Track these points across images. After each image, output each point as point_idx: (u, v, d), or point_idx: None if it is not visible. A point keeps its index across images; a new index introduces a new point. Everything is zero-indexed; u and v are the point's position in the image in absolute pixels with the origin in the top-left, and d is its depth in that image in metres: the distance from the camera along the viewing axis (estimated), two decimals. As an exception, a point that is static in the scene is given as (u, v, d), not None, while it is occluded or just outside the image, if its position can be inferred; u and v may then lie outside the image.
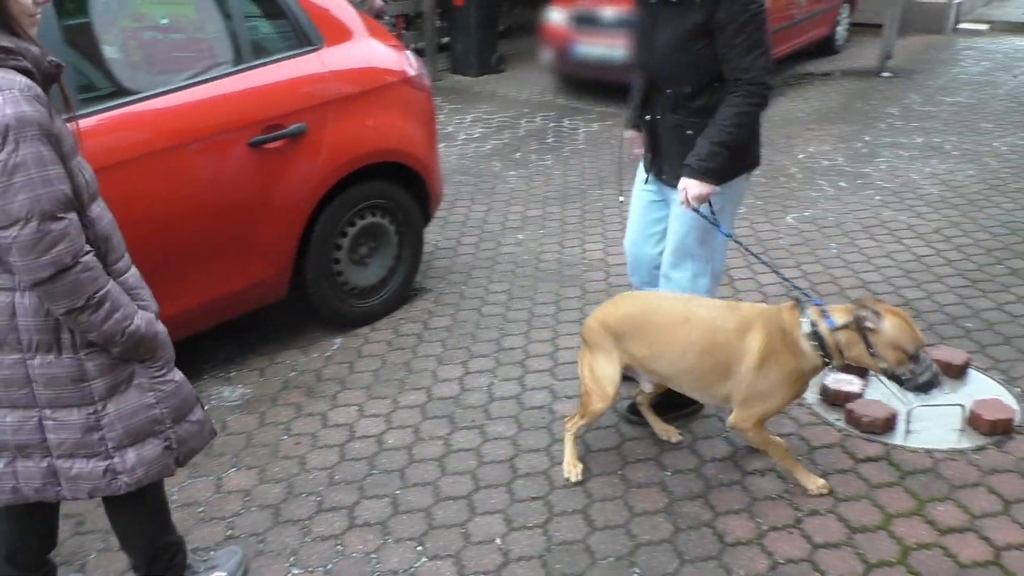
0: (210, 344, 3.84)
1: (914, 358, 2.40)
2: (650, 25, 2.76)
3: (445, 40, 9.58)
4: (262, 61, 3.47)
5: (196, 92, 3.24)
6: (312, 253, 3.70)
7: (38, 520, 2.17)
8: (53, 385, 1.90)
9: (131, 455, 1.99)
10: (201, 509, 2.82)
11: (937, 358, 3.35)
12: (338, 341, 3.89)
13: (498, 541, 2.62)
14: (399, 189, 4.02)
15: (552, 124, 7.47)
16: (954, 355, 3.38)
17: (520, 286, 4.39)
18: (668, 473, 2.90)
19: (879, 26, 9.06)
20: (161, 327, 2.03)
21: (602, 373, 2.77)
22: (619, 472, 2.91)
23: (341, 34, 3.76)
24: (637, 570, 2.48)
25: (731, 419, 2.69)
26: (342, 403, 3.40)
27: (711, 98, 2.75)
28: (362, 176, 3.80)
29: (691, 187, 2.72)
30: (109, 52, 3.18)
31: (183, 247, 3.24)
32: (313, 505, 2.82)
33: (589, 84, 8.53)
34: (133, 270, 2.05)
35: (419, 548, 2.61)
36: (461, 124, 7.51)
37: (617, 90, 8.31)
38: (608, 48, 7.74)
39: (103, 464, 1.97)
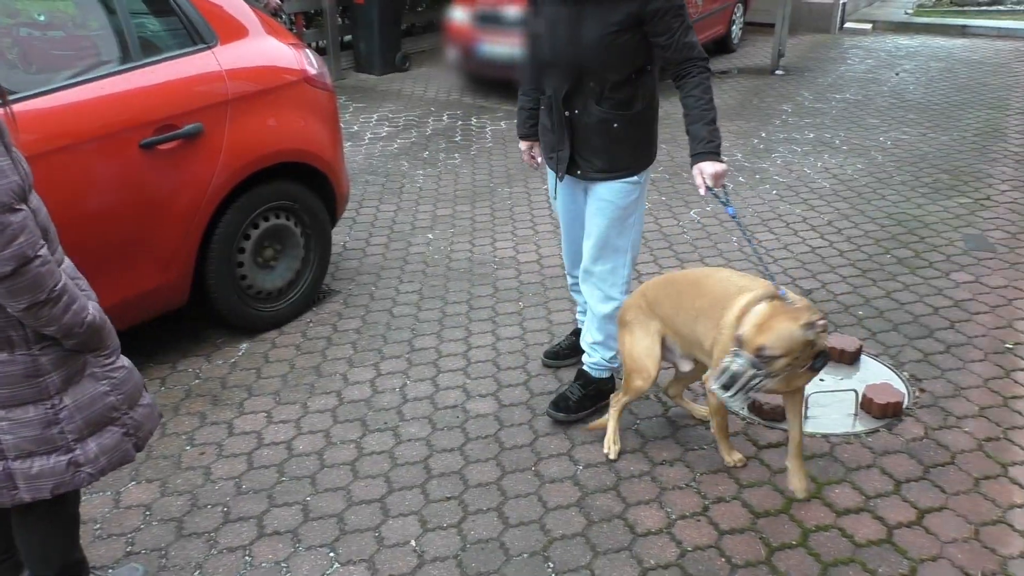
0: (106, 354, 3.67)
1: None
2: (571, 19, 2.74)
3: (347, 38, 9.44)
4: (151, 59, 3.32)
5: (80, 92, 3.08)
6: (213, 257, 3.58)
7: None
8: (8, 384, 1.84)
9: (92, 445, 1.97)
10: (98, 526, 2.69)
11: (832, 346, 3.52)
12: (244, 346, 3.78)
13: (412, 543, 2.60)
14: (304, 190, 3.93)
15: (459, 123, 7.46)
16: (848, 342, 3.55)
17: (431, 286, 4.37)
18: (580, 467, 2.93)
19: (772, 25, 9.42)
20: (105, 316, 2.00)
21: (640, 349, 2.83)
22: (533, 468, 2.93)
23: (236, 31, 3.65)
24: (551, 564, 2.50)
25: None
26: (249, 410, 3.31)
27: (634, 88, 2.81)
28: (265, 177, 3.70)
29: (707, 168, 2.71)
30: (-18, 50, 3.00)
31: (71, 252, 3.06)
32: (219, 516, 2.73)
33: (495, 83, 8.55)
34: (68, 261, 2.01)
35: (331, 554, 2.56)
36: (367, 123, 7.41)
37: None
38: (512, 47, 7.75)
39: (65, 458, 1.93)
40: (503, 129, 7.22)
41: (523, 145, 3.29)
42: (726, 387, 2.38)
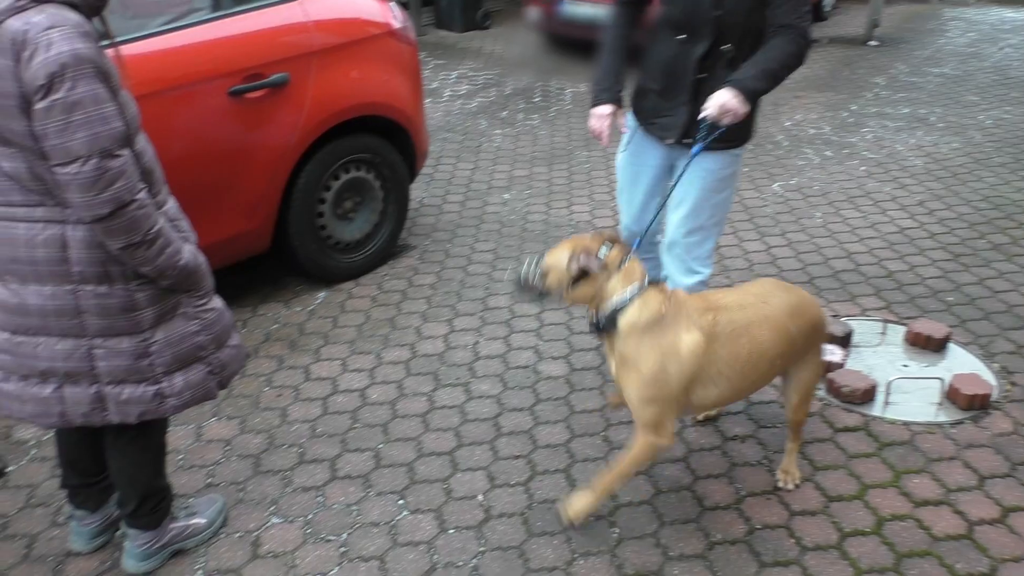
0: (190, 294, 3.79)
1: None
2: None
3: (431, -8, 9.40)
4: (242, 8, 3.36)
5: (173, 38, 3.14)
6: (295, 206, 3.64)
7: (92, 433, 2.24)
8: (105, 315, 1.94)
9: (179, 379, 2.08)
10: (181, 456, 2.80)
11: (918, 331, 3.40)
12: (321, 295, 3.85)
13: (480, 497, 2.63)
14: (384, 144, 3.95)
15: (539, 83, 7.37)
16: (935, 328, 3.42)
17: (506, 246, 4.37)
18: (650, 436, 2.91)
19: (869, -6, 9.01)
20: (202, 258, 2.08)
21: None
22: (602, 434, 2.93)
23: (325, -18, 3.66)
24: (617, 530, 2.50)
25: None
26: (325, 357, 3.38)
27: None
28: (346, 129, 3.73)
29: (727, 98, 2.52)
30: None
31: (165, 195, 3.16)
32: (294, 456, 2.81)
33: (576, 43, 8.42)
34: (172, 201, 2.07)
35: (400, 501, 2.61)
36: (446, 80, 7.40)
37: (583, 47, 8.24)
38: (595, 7, 7.63)
39: (153, 388, 2.05)
40: (582, 92, 7.11)
41: (605, 109, 2.84)
42: (515, 283, 2.43)
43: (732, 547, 2.43)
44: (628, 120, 2.96)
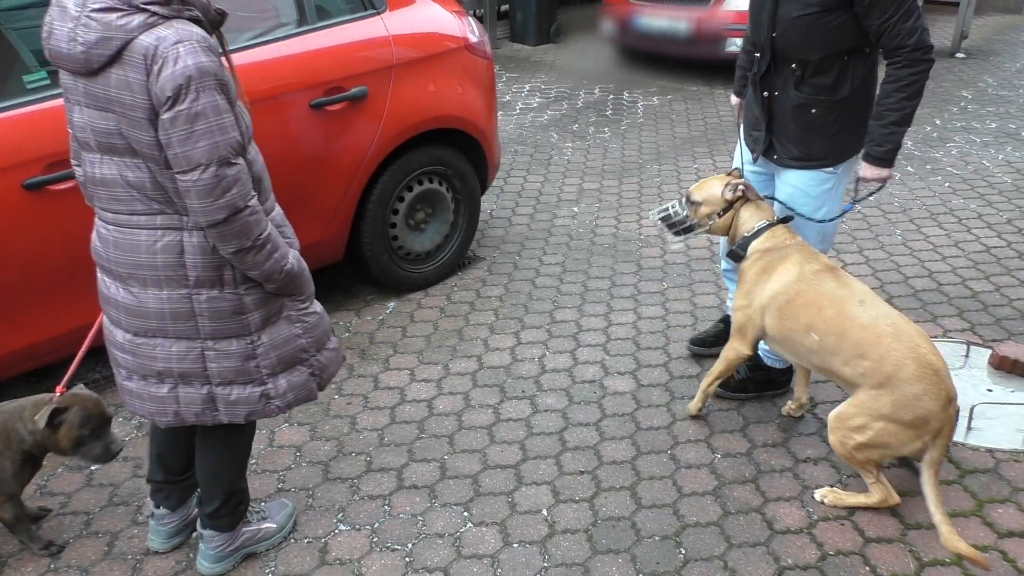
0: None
1: None
2: None
3: (504, 8, 9.48)
4: (325, 23, 3.46)
5: (261, 52, 3.24)
6: (369, 217, 3.71)
7: (185, 432, 2.36)
8: (217, 318, 2.04)
9: (283, 381, 2.16)
10: (255, 461, 2.87)
11: (1004, 354, 3.26)
12: (392, 305, 3.92)
13: (544, 512, 2.62)
14: (458, 156, 4.00)
15: (611, 96, 7.36)
16: (1022, 352, 3.27)
17: (574, 259, 4.36)
18: (718, 456, 2.86)
19: (955, 4, 8.70)
20: (304, 264, 2.15)
21: None
22: (669, 452, 2.89)
23: (404, -2, 3.73)
24: (683, 551, 2.46)
25: None
26: (394, 366, 3.43)
27: (841, 73, 2.63)
28: (421, 141, 3.79)
29: (866, 172, 2.68)
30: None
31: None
32: (363, 464, 2.86)
33: (650, 57, 8.37)
34: (278, 209, 2.17)
35: (465, 513, 2.63)
36: (519, 93, 7.45)
37: (678, 64, 8.18)
38: (671, 21, 7.58)
39: (259, 389, 2.14)
40: (655, 105, 7.07)
41: (734, 100, 3.16)
42: (664, 221, 2.89)
43: (803, 572, 2.37)
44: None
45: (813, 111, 2.68)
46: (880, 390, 2.41)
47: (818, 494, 2.65)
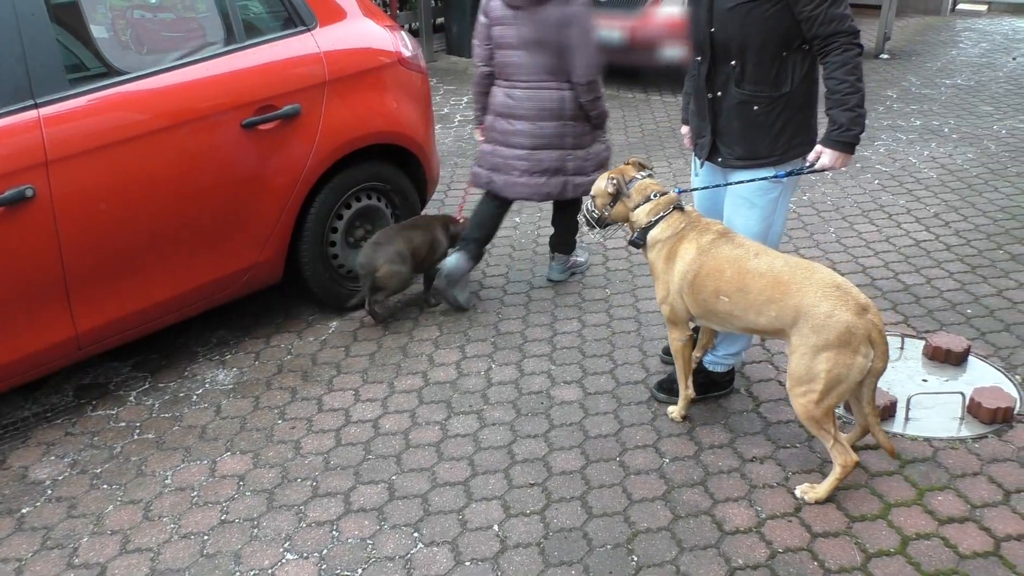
0: (203, 327, 3.80)
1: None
2: None
3: (440, 20, 9.47)
4: (254, 41, 3.40)
5: (188, 72, 3.17)
6: (307, 236, 3.65)
7: (501, 214, 4.03)
8: (575, 137, 3.74)
9: (595, 175, 3.50)
10: (195, 493, 2.78)
11: (937, 344, 3.35)
12: (334, 324, 3.86)
13: (495, 528, 2.60)
14: (396, 171, 3.97)
15: (549, 105, 7.39)
16: (954, 342, 3.36)
17: (517, 270, 4.36)
18: (667, 460, 2.88)
19: (877, 7, 8.99)
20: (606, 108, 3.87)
21: None
22: (618, 459, 2.89)
23: (334, 13, 3.69)
24: (635, 558, 2.46)
25: None
26: (338, 387, 3.37)
27: (782, 68, 2.67)
28: (358, 158, 3.75)
29: (828, 158, 2.67)
30: (97, 32, 3.11)
31: (176, 229, 3.19)
32: (308, 490, 2.79)
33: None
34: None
35: (415, 534, 2.59)
36: (457, 106, 7.44)
37: (614, 72, 8.25)
38: (605, 30, 7.65)
39: (587, 179, 3.75)
40: (593, 113, 7.11)
41: (684, 130, 3.20)
42: (585, 218, 3.10)
43: (754, 572, 2.38)
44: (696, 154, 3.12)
45: (755, 108, 2.72)
46: (798, 325, 2.48)
47: (798, 492, 2.67)
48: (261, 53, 3.39)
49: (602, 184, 2.96)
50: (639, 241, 2.89)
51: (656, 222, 2.83)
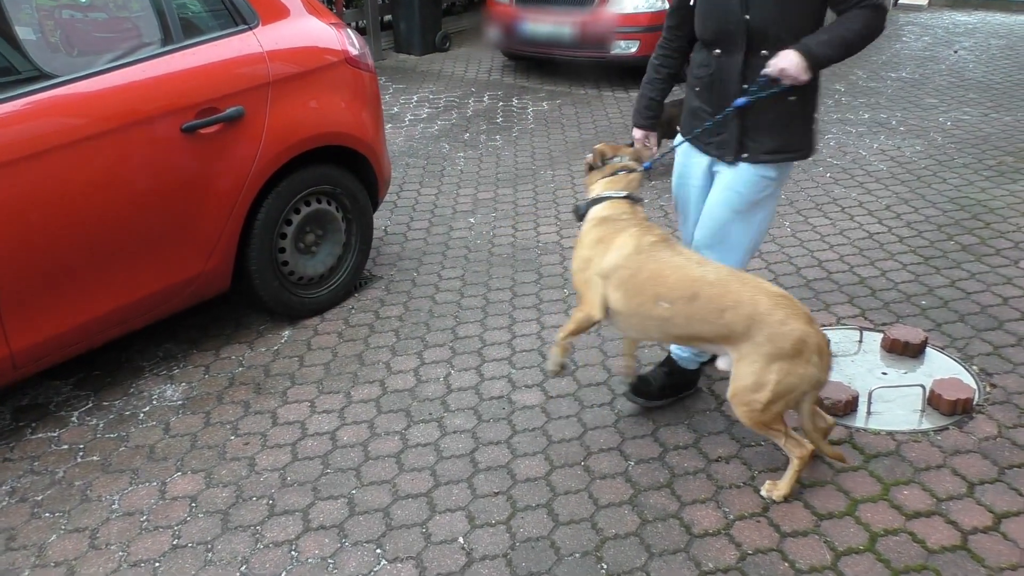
0: (149, 341, 3.65)
1: None
2: None
3: (387, 18, 9.34)
4: (193, 41, 3.25)
5: (122, 75, 3.02)
6: (255, 243, 3.52)
7: None
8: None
9: None
10: (145, 517, 2.65)
11: (895, 337, 3.36)
12: (286, 334, 3.73)
13: (460, 540, 2.52)
14: (346, 174, 3.85)
15: (501, 103, 7.33)
16: (912, 334, 3.38)
17: (474, 272, 4.28)
18: (632, 463, 2.83)
19: (823, 2, 9.10)
20: None
21: None
22: (582, 463, 2.83)
23: (277, 11, 3.57)
24: (604, 566, 2.40)
25: None
26: (292, 399, 3.26)
27: None
28: (306, 161, 3.63)
29: (790, 61, 2.48)
30: (24, 33, 2.93)
31: (115, 240, 3.04)
32: (265, 509, 2.68)
33: (537, 62, 8.41)
34: None
35: (378, 551, 2.49)
36: (407, 104, 7.32)
37: (566, 68, 8.24)
38: (555, 25, 7.62)
39: None
40: (545, 110, 7.07)
41: (638, 134, 3.03)
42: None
43: (724, 575, 2.35)
44: (677, 141, 2.97)
45: (792, 98, 2.62)
46: (752, 332, 2.42)
47: (763, 492, 2.64)
48: (200, 54, 3.25)
49: (588, 154, 2.94)
50: (582, 210, 2.84)
51: (603, 199, 2.79)
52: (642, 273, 2.61)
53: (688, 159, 2.93)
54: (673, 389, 3.09)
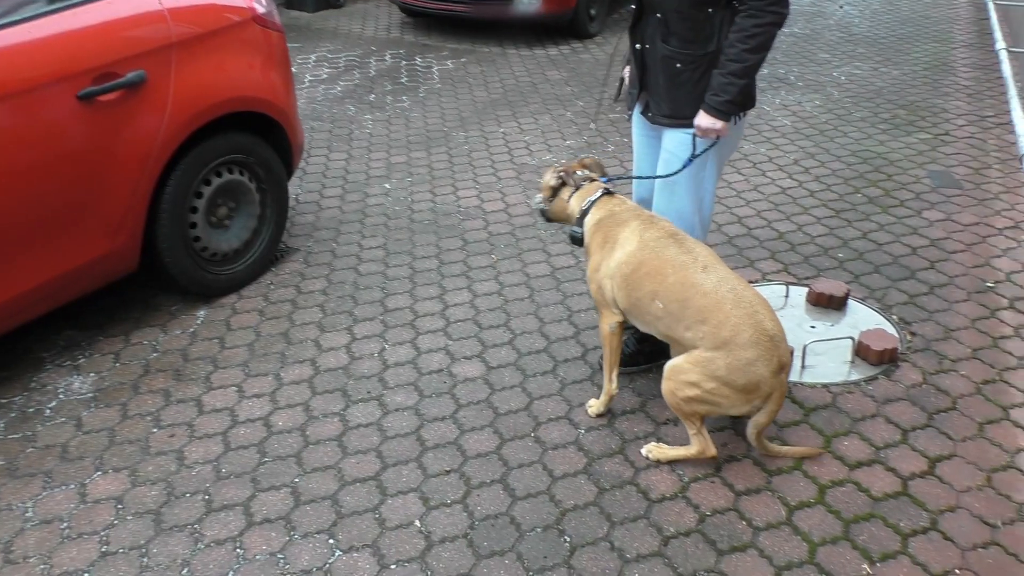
0: (47, 328, 3.35)
1: None
2: None
3: (276, -29, 8.84)
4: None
5: (5, 37, 2.69)
6: (164, 218, 3.26)
7: None
8: None
9: None
10: (65, 525, 2.43)
11: (820, 290, 3.46)
12: (202, 314, 3.50)
13: (417, 523, 2.43)
14: (258, 141, 3.61)
15: (404, 63, 7.08)
16: (835, 287, 3.48)
17: (396, 240, 4.13)
18: (582, 431, 2.80)
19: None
20: None
21: None
22: (533, 434, 2.79)
23: (178, -36, 3.27)
24: (567, 538, 2.37)
25: None
26: (218, 384, 3.06)
27: (708, 26, 2.56)
28: (216, 129, 3.38)
29: (700, 120, 2.62)
30: None
31: (7, 220, 2.74)
32: (201, 505, 2.51)
33: (437, 18, 8.16)
34: None
35: (331, 541, 2.38)
36: (305, 65, 6.97)
37: (468, 25, 8.03)
38: (457, -20, 7.39)
39: None
40: (450, 69, 6.88)
41: (626, 71, 3.04)
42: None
43: (687, 539, 2.36)
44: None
45: (678, 65, 2.63)
46: (716, 352, 2.42)
47: (644, 450, 2.67)
48: (93, 12, 2.95)
49: (547, 177, 2.89)
50: (578, 232, 2.80)
51: (589, 208, 2.76)
52: (643, 268, 2.56)
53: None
54: (646, 356, 3.07)
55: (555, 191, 2.88)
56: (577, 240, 2.82)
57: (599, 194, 2.78)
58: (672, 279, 2.50)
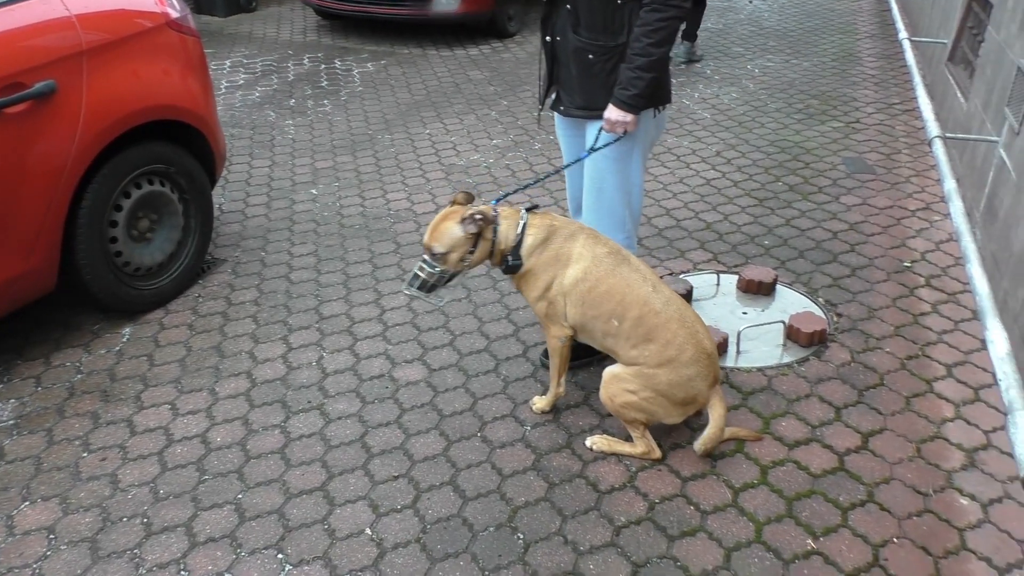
0: (-39, 355, 3.17)
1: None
2: None
3: (183, -25, 8.58)
4: (-15, 4, 2.80)
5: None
6: (82, 234, 3.13)
7: None
8: None
9: None
10: (-7, 560, 2.32)
11: (749, 277, 3.55)
12: (127, 331, 3.37)
13: (368, 531, 2.40)
14: (178, 150, 3.50)
15: (323, 66, 6.97)
16: (763, 273, 3.58)
17: (327, 246, 4.06)
18: (528, 428, 2.81)
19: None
20: None
21: None
22: (479, 434, 2.78)
23: (85, -32, 3.14)
24: (520, 535, 2.38)
25: None
26: (149, 403, 2.95)
27: (614, 18, 2.57)
28: (133, 139, 3.26)
29: (609, 114, 2.61)
30: None
31: (-88, 243, 2.59)
32: (140, 529, 2.42)
33: (354, 21, 8.06)
34: None
35: (280, 556, 2.32)
36: (220, 70, 6.79)
37: (385, 26, 7.95)
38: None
39: None
40: (371, 72, 6.80)
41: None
42: (421, 288, 2.63)
43: (638, 528, 2.39)
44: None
45: (590, 56, 2.65)
46: (659, 369, 2.48)
47: (588, 441, 2.70)
48: (-5, 19, 2.80)
49: (458, 231, 2.53)
50: (518, 262, 2.57)
51: (522, 234, 2.57)
52: (601, 287, 2.53)
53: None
54: (586, 350, 3.07)
55: (477, 238, 2.57)
56: (514, 269, 2.60)
57: (525, 215, 2.60)
58: (629, 298, 2.51)
